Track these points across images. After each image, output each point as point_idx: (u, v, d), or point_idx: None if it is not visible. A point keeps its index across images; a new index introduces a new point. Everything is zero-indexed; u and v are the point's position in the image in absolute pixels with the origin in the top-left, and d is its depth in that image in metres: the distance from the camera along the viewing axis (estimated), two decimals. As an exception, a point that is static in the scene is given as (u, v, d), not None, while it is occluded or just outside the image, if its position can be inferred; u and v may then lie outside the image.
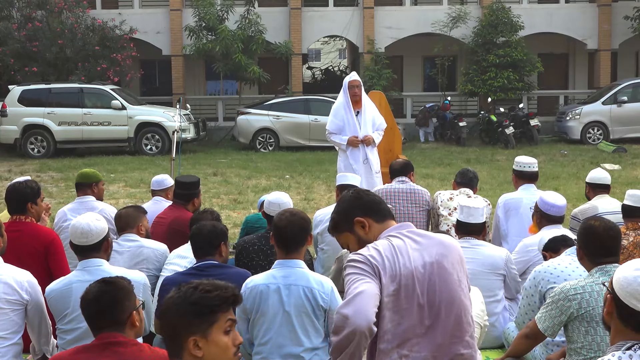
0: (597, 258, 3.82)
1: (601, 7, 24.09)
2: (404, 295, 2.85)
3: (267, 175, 14.54)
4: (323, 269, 5.72)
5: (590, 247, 3.84)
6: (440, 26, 22.80)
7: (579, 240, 3.94)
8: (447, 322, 2.90)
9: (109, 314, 2.97)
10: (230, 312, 2.49)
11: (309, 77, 30.74)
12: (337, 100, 8.02)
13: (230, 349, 2.47)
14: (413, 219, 6.38)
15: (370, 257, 2.85)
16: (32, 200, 5.12)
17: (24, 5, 21.56)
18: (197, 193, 6.19)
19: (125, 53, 21.49)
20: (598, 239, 3.82)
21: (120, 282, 3.07)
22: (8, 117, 18.48)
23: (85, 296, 3.05)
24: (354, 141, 7.65)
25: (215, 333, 2.45)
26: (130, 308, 3.02)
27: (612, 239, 3.86)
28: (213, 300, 2.45)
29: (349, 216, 3.04)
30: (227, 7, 21.62)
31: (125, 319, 2.99)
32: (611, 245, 3.84)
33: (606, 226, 3.87)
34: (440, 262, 2.92)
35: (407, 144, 18.76)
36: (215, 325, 2.45)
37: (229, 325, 2.48)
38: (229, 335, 2.47)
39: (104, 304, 2.98)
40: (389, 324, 2.85)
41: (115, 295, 3.00)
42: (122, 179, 14.03)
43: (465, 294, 2.98)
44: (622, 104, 20.02)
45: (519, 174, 6.43)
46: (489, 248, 5.23)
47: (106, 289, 3.02)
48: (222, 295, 2.46)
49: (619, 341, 2.37)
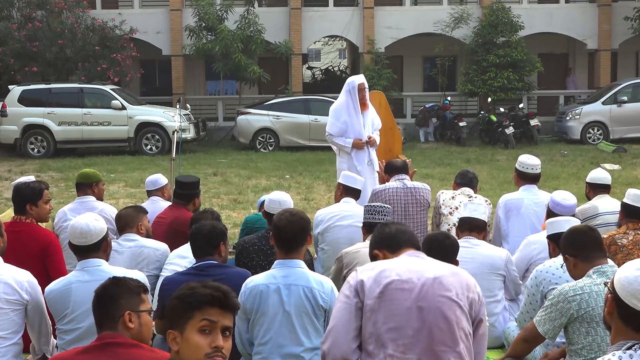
0: (592, 260, 3.83)
1: (601, 7, 24.09)
2: (390, 296, 3.02)
3: (267, 175, 14.54)
4: (323, 269, 5.71)
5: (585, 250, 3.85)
6: (442, 26, 22.80)
7: (568, 248, 3.93)
8: (438, 329, 2.97)
9: (104, 308, 2.98)
10: (209, 313, 2.47)
11: (309, 77, 30.74)
12: (337, 101, 7.80)
13: (202, 349, 2.45)
14: (413, 219, 6.38)
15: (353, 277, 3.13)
16: (32, 201, 5.13)
17: (24, 5, 21.56)
18: (197, 193, 6.19)
19: (125, 53, 21.49)
20: (591, 241, 3.86)
21: (126, 282, 3.06)
22: (8, 117, 18.47)
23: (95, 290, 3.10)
24: (359, 143, 7.52)
25: (189, 330, 2.46)
26: (125, 307, 2.99)
27: (599, 238, 3.94)
28: (190, 296, 2.47)
29: (371, 251, 3.51)
30: (227, 7, 21.62)
31: (118, 317, 2.96)
32: (601, 244, 3.91)
33: (590, 228, 3.98)
34: (439, 279, 3.05)
35: (407, 144, 18.76)
36: (190, 322, 2.46)
37: (205, 325, 2.46)
38: (204, 335, 2.46)
39: (102, 299, 3.01)
40: (374, 327, 2.99)
41: (113, 292, 3.00)
42: (122, 179, 14.03)
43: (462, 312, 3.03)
44: (622, 104, 20.02)
45: (522, 174, 6.40)
46: (489, 248, 5.23)
47: (108, 284, 3.04)
48: (200, 292, 2.48)
49: (619, 341, 2.37)
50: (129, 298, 3.01)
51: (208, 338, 2.46)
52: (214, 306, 2.48)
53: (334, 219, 5.93)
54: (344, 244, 5.45)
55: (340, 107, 7.66)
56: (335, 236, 5.87)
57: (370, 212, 5.06)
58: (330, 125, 7.67)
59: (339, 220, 5.91)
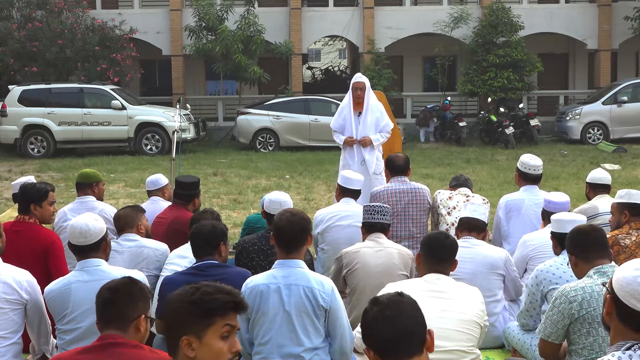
0: (593, 260, 3.83)
1: (601, 7, 24.08)
2: None
3: (267, 175, 14.53)
4: (323, 269, 5.71)
5: (585, 251, 3.86)
6: (442, 26, 22.80)
7: (571, 247, 3.94)
8: None
9: (121, 306, 2.95)
10: (230, 318, 2.43)
11: (309, 77, 30.74)
12: (344, 98, 8.01)
13: (224, 355, 2.43)
14: (413, 220, 6.37)
15: None
16: (36, 202, 5.15)
17: (24, 5, 21.56)
18: (197, 193, 6.19)
19: (125, 53, 21.49)
20: (591, 241, 3.86)
21: (143, 284, 3.08)
22: (8, 117, 18.47)
23: (105, 285, 3.04)
24: (350, 141, 7.64)
25: (210, 336, 2.41)
26: (142, 310, 2.99)
27: (602, 238, 3.92)
28: (211, 302, 2.41)
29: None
30: (227, 7, 21.62)
31: (133, 318, 2.95)
32: (603, 244, 3.89)
33: (592, 228, 3.97)
34: None
35: (407, 144, 18.75)
36: (211, 328, 2.41)
37: (227, 331, 2.43)
38: (225, 341, 2.43)
39: (120, 295, 2.97)
40: None
41: (132, 291, 2.99)
42: (122, 179, 14.03)
43: None
44: (622, 104, 20.01)
45: (523, 175, 6.39)
46: (488, 248, 5.22)
47: (128, 282, 3.03)
48: (221, 299, 2.42)
49: (618, 341, 2.37)
50: (145, 301, 3.02)
51: (227, 343, 2.44)
52: (233, 311, 2.45)
53: (334, 219, 5.93)
54: (344, 244, 5.45)
55: (343, 104, 7.87)
56: (335, 236, 5.87)
57: (370, 212, 5.07)
58: (333, 120, 7.95)
59: (339, 220, 5.91)
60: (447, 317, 3.77)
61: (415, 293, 3.75)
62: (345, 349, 3.92)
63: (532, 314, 4.52)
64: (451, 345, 3.72)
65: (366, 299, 4.57)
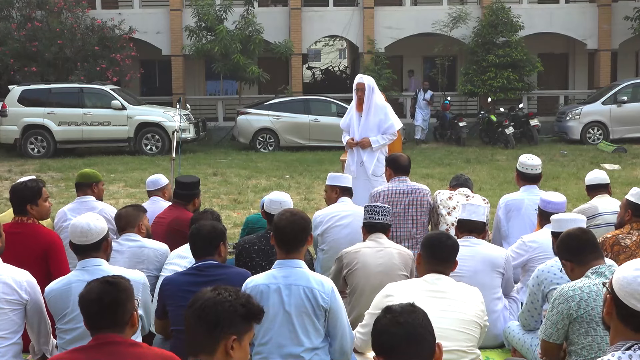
0: (588, 263, 3.83)
1: (601, 7, 24.08)
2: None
3: (267, 175, 14.53)
4: (323, 269, 5.70)
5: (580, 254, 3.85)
6: (441, 26, 22.80)
7: (564, 253, 3.94)
8: None
9: (111, 315, 2.94)
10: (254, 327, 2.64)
11: (309, 77, 30.74)
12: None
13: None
14: (413, 220, 6.37)
15: None
16: (31, 201, 5.10)
17: (23, 5, 21.54)
18: (197, 193, 6.19)
19: (124, 53, 21.48)
20: (584, 244, 3.86)
21: (122, 283, 3.02)
22: (8, 117, 18.46)
23: (86, 295, 2.98)
24: (349, 144, 7.67)
25: (245, 341, 2.58)
26: (132, 310, 3.00)
27: (593, 239, 3.93)
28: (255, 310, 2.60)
29: None
30: (226, 7, 21.61)
31: (127, 320, 2.98)
32: (596, 245, 3.91)
33: (582, 231, 3.97)
34: None
35: (407, 143, 18.75)
36: (248, 333, 2.59)
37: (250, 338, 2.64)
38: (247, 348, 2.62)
39: (107, 305, 2.94)
40: None
41: (118, 297, 2.96)
42: (122, 179, 14.03)
43: None
44: (622, 104, 20.01)
45: (522, 175, 6.40)
46: (489, 247, 5.24)
47: (109, 289, 2.97)
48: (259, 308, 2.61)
49: (618, 341, 2.37)
50: (131, 299, 3.03)
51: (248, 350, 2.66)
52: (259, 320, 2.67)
53: (334, 220, 5.93)
54: (344, 244, 5.46)
55: (351, 104, 7.93)
56: (335, 236, 5.87)
57: (371, 212, 5.07)
58: (342, 120, 8.06)
59: (339, 220, 5.91)
60: (447, 317, 3.77)
61: (415, 293, 3.78)
62: (345, 349, 3.92)
63: (534, 314, 4.52)
64: (451, 345, 3.72)
65: (366, 299, 4.61)
